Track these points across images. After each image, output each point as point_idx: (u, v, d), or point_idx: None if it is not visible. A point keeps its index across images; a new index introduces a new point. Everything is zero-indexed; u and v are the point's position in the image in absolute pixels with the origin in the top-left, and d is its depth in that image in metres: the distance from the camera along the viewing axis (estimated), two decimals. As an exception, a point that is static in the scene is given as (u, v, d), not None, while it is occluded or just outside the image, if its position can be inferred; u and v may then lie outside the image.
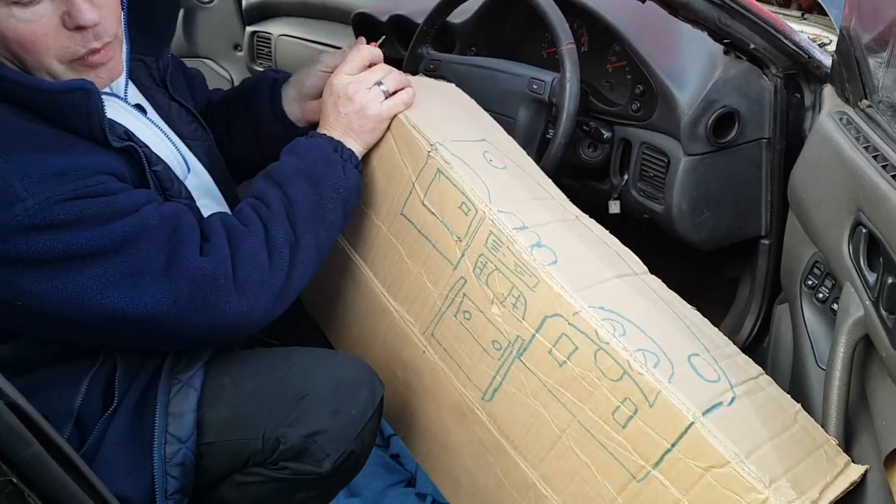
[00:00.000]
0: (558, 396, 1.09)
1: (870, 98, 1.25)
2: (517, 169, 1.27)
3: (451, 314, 1.20)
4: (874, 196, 1.05)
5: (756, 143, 1.57)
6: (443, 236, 1.21)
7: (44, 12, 0.99)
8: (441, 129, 1.25)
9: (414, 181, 1.24)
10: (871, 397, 1.10)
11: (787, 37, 1.44)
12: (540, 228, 1.15)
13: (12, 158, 0.97)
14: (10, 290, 1.00)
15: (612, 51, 1.75)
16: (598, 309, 1.06)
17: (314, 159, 1.20)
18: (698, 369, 1.03)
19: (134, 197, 1.05)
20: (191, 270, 1.05)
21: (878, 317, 1.02)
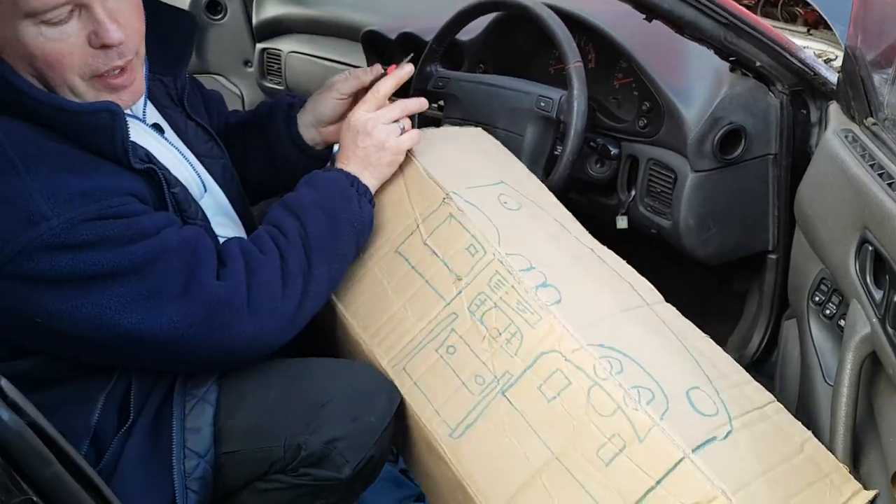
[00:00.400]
0: (539, 433, 1.07)
1: (875, 116, 1.26)
2: (533, 207, 1.29)
3: (433, 348, 1.19)
4: (879, 214, 1.06)
5: (763, 159, 1.58)
6: (440, 273, 1.22)
7: (71, 31, 1.02)
8: (457, 177, 1.28)
9: (419, 223, 1.26)
10: (879, 414, 1.11)
11: (792, 54, 1.46)
12: (548, 268, 1.17)
13: (39, 178, 0.99)
14: (30, 308, 1.02)
15: (618, 67, 1.76)
16: (597, 346, 1.07)
17: (331, 193, 1.23)
18: (696, 403, 1.03)
19: (155, 219, 1.07)
20: (207, 293, 1.07)
21: (884, 334, 1.03)
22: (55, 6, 0.99)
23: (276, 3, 2.74)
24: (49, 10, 0.99)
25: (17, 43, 1.01)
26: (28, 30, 1.00)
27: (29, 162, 1.00)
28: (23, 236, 0.97)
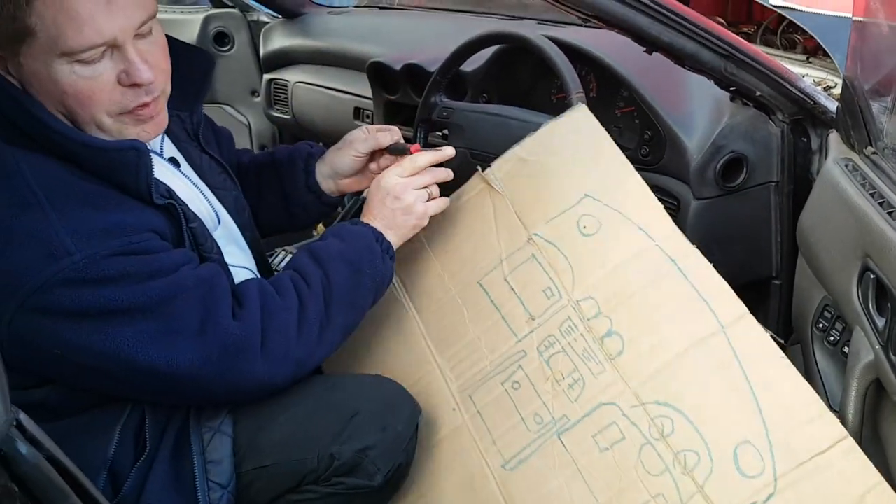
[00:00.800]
0: (588, 480, 1.12)
1: (874, 145, 1.28)
2: (615, 219, 1.26)
3: (499, 381, 1.26)
4: (880, 242, 1.07)
5: (764, 186, 1.60)
6: (515, 310, 1.29)
7: (103, 70, 1.05)
8: (539, 209, 1.32)
9: (503, 259, 1.33)
10: (885, 441, 1.12)
11: (792, 84, 1.48)
12: (614, 310, 1.20)
13: (63, 214, 1.01)
14: (50, 341, 1.03)
15: (620, 97, 1.79)
16: (653, 404, 1.11)
17: (358, 246, 1.26)
18: (741, 463, 1.03)
19: (173, 257, 1.10)
20: (223, 334, 1.09)
21: (888, 362, 1.04)
22: (91, 47, 1.02)
23: (282, 35, 2.78)
24: (85, 51, 1.02)
25: (49, 80, 1.03)
26: (62, 68, 1.02)
27: (53, 197, 1.02)
28: (46, 270, 0.99)
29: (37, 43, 1.00)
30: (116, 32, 1.03)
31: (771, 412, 1.05)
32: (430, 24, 2.59)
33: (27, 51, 1.01)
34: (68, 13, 0.99)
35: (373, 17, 2.82)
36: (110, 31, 1.02)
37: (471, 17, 2.61)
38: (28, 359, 1.06)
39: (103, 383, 1.11)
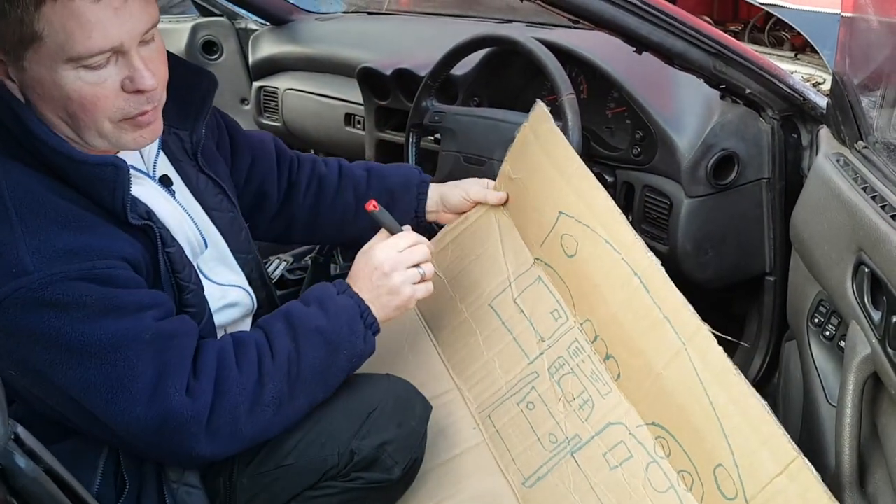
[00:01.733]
0: (600, 496, 1.17)
1: (865, 139, 1.28)
2: (588, 238, 1.27)
3: (515, 402, 1.30)
4: (874, 236, 1.07)
5: (756, 183, 1.61)
6: (526, 332, 1.32)
7: (108, 76, 1.04)
8: (534, 231, 1.36)
9: (512, 282, 1.37)
10: (883, 434, 1.12)
11: (781, 80, 1.48)
12: (609, 332, 1.23)
13: (31, 231, 1.00)
14: (5, 359, 1.02)
15: (611, 97, 1.79)
16: (652, 426, 1.16)
17: (340, 323, 1.19)
18: (721, 485, 1.07)
19: (137, 296, 1.06)
20: (167, 407, 1.05)
21: (885, 355, 1.04)
22: (99, 52, 1.01)
23: (271, 42, 2.78)
24: (93, 56, 1.01)
25: (54, 85, 1.02)
26: (68, 73, 1.01)
27: (24, 212, 1.01)
28: (3, 288, 0.98)
29: (43, 48, 1.00)
30: (124, 38, 1.02)
31: (733, 435, 1.06)
32: (420, 29, 2.60)
33: (32, 56, 1.01)
34: (77, 19, 0.99)
35: (361, 23, 2.83)
36: (117, 37, 1.02)
37: (460, 20, 2.62)
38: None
39: (57, 413, 1.08)
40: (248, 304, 1.35)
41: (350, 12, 3.01)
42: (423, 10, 2.85)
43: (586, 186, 1.30)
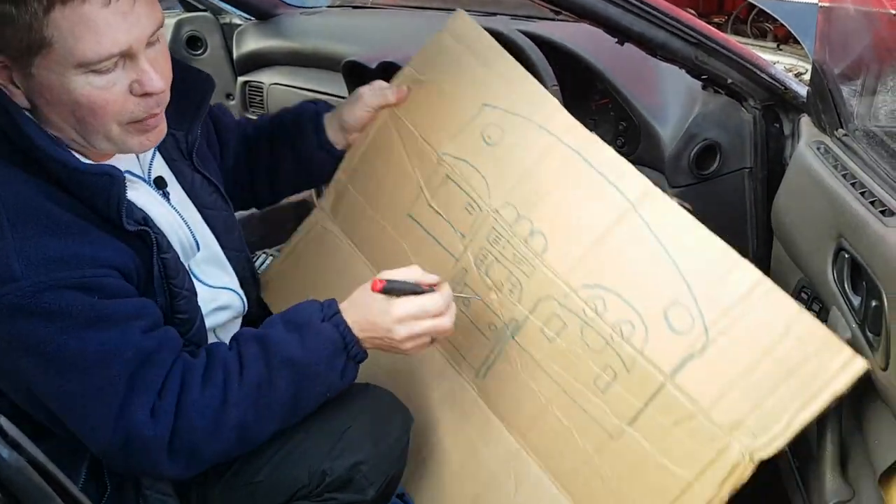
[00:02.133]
0: (546, 369, 1.22)
1: (845, 127, 1.30)
2: (516, 124, 1.29)
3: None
4: (854, 222, 1.09)
5: (738, 172, 1.62)
6: (447, 234, 1.35)
7: (116, 79, 1.03)
8: (443, 126, 1.36)
9: (423, 186, 1.37)
10: (864, 418, 1.13)
11: (762, 70, 1.49)
12: (534, 210, 1.25)
13: (22, 237, 0.99)
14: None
15: (594, 89, 1.80)
16: (583, 287, 1.19)
17: (320, 356, 1.13)
18: (672, 322, 1.11)
19: (125, 307, 1.05)
20: (131, 428, 1.05)
21: (864, 339, 1.05)
22: (108, 56, 1.00)
23: (255, 37, 2.77)
24: (102, 61, 1.00)
25: (63, 91, 1.02)
26: (77, 78, 1.01)
27: (16, 219, 1.00)
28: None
29: (52, 54, 0.98)
30: (132, 41, 1.01)
31: (691, 272, 1.11)
32: (404, 22, 2.59)
33: (40, 62, 0.99)
34: (87, 24, 0.98)
35: (346, 17, 2.82)
36: (126, 41, 1.01)
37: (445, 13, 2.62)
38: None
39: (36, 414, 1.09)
40: (239, 307, 1.35)
41: (335, 6, 3.00)
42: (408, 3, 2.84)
43: (519, 79, 1.33)
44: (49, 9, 0.96)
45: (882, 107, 1.26)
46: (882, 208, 1.05)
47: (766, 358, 1.04)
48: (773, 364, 1.04)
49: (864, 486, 1.10)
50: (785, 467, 1.42)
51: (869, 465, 1.09)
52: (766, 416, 1.03)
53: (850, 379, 1.00)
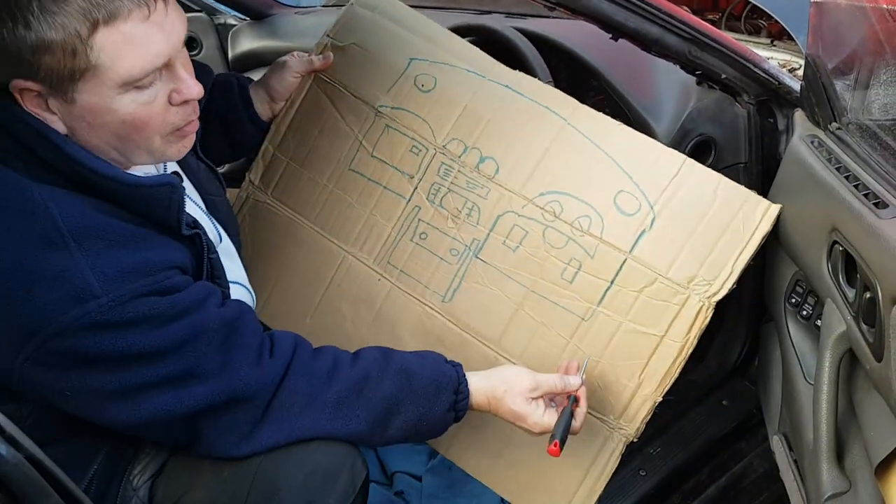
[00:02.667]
0: (513, 276, 1.33)
1: (839, 121, 1.30)
2: (446, 72, 1.40)
3: (408, 239, 1.40)
4: (848, 215, 1.09)
5: (733, 167, 1.62)
6: (394, 178, 1.41)
7: (156, 92, 1.01)
8: (376, 82, 1.43)
9: (361, 139, 1.43)
10: (859, 409, 1.14)
11: (756, 65, 1.50)
12: (480, 139, 1.37)
13: (92, 255, 0.97)
14: (61, 382, 0.99)
15: (589, 85, 1.81)
16: (539, 196, 1.32)
17: (430, 382, 1.15)
18: (622, 207, 1.28)
19: (196, 292, 1.05)
20: (236, 382, 1.04)
21: (859, 331, 1.06)
22: (152, 70, 0.99)
23: (250, 37, 2.77)
24: (146, 76, 0.99)
25: (108, 111, 0.99)
26: (122, 98, 0.99)
27: (80, 237, 0.97)
28: (70, 313, 0.95)
29: (95, 77, 0.96)
30: (170, 52, 1.00)
31: (627, 163, 1.29)
32: (399, 21, 2.59)
33: (82, 87, 0.96)
34: (130, 41, 0.95)
35: (341, 17, 2.82)
36: (167, 51, 0.99)
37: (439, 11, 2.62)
38: (29, 392, 1.01)
39: (103, 421, 1.05)
40: (250, 302, 1.33)
41: (330, 6, 3.00)
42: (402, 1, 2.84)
43: (440, 34, 1.45)
44: (92, 32, 0.93)
45: (875, 100, 1.27)
46: (875, 200, 1.06)
47: (703, 220, 1.24)
48: (710, 223, 1.24)
49: (861, 477, 1.11)
50: (782, 460, 1.42)
51: (865, 457, 1.09)
52: (713, 267, 1.23)
53: (772, 223, 1.24)
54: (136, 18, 0.95)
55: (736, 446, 1.82)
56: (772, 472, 1.57)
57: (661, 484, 1.71)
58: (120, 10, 0.93)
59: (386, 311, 1.41)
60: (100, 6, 0.92)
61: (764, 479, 1.74)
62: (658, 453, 1.74)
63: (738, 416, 1.84)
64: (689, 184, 1.26)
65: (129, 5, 0.94)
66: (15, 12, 0.90)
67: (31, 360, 0.97)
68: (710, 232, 1.23)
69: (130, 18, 0.94)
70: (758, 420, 1.76)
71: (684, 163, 1.27)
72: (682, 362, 1.24)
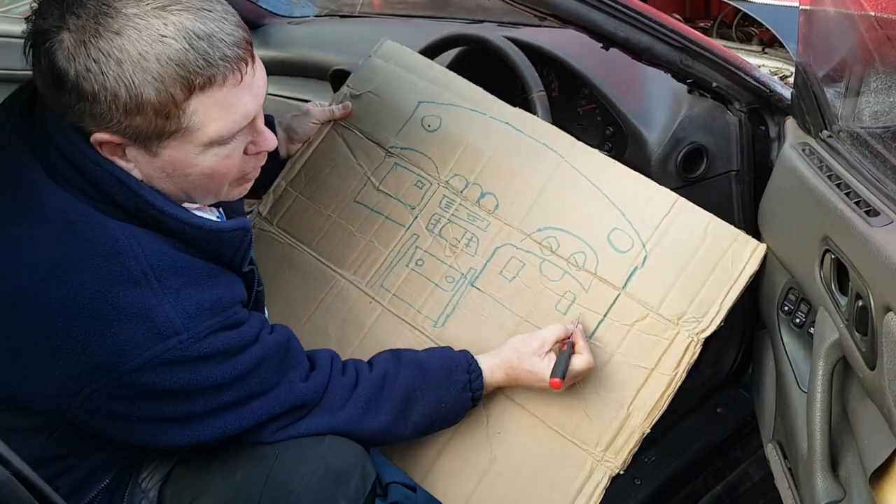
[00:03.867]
0: (507, 305, 1.35)
1: (829, 128, 1.30)
2: (450, 112, 1.47)
3: (403, 264, 1.41)
4: (839, 223, 1.09)
5: (725, 175, 1.62)
6: (396, 208, 1.45)
7: (237, 145, 1.03)
8: (387, 126, 1.49)
9: (370, 175, 1.48)
10: (853, 417, 1.13)
11: (747, 73, 1.50)
12: (481, 176, 1.42)
13: (172, 293, 0.99)
14: (129, 412, 1.01)
15: (581, 94, 1.81)
16: (537, 231, 1.36)
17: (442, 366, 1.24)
18: (616, 245, 1.32)
19: (254, 324, 1.09)
20: (293, 396, 1.11)
21: (852, 339, 1.06)
22: (239, 130, 1.01)
23: (243, 47, 2.77)
24: (234, 135, 1.01)
25: (187, 165, 1.01)
26: (205, 154, 1.00)
27: (161, 274, 1.00)
28: (151, 350, 0.97)
29: (183, 137, 0.98)
30: (256, 111, 1.02)
31: (621, 201, 1.33)
32: (392, 30, 2.59)
33: (168, 143, 0.98)
34: (223, 105, 0.97)
35: (334, 26, 2.82)
36: (253, 111, 1.01)
37: (431, 21, 2.63)
38: (82, 419, 1.02)
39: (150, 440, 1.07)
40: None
41: (322, 16, 3.01)
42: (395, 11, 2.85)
43: (444, 77, 1.52)
44: (188, 97, 0.94)
45: (865, 108, 1.27)
46: (867, 209, 1.06)
47: (694, 258, 1.28)
48: (700, 262, 1.28)
49: (856, 485, 1.10)
50: (777, 468, 1.42)
51: (860, 465, 1.09)
52: (702, 305, 1.27)
53: (759, 263, 1.28)
54: (229, 84, 0.96)
55: (731, 454, 1.82)
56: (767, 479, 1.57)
57: (657, 492, 1.71)
58: (216, 77, 0.95)
59: (375, 333, 1.40)
60: (198, 73, 0.93)
61: (759, 487, 1.74)
62: (653, 462, 1.74)
63: (732, 424, 1.84)
64: (679, 222, 1.30)
65: (224, 72, 0.95)
66: (109, 71, 0.91)
67: (99, 392, 0.98)
68: (699, 270, 1.27)
69: (225, 84, 0.96)
70: (753, 428, 1.77)
71: (676, 202, 1.31)
72: (670, 395, 1.27)
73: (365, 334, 1.40)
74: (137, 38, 0.91)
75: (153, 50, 0.91)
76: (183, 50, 0.92)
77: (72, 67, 0.91)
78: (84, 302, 0.96)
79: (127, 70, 0.91)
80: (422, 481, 1.35)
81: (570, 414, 1.28)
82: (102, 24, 0.91)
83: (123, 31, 0.91)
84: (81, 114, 0.95)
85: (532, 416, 1.30)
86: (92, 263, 0.97)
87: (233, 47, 0.96)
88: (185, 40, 0.92)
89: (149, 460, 1.17)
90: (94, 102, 0.93)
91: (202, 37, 0.93)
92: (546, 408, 1.30)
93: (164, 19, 0.92)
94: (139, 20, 0.91)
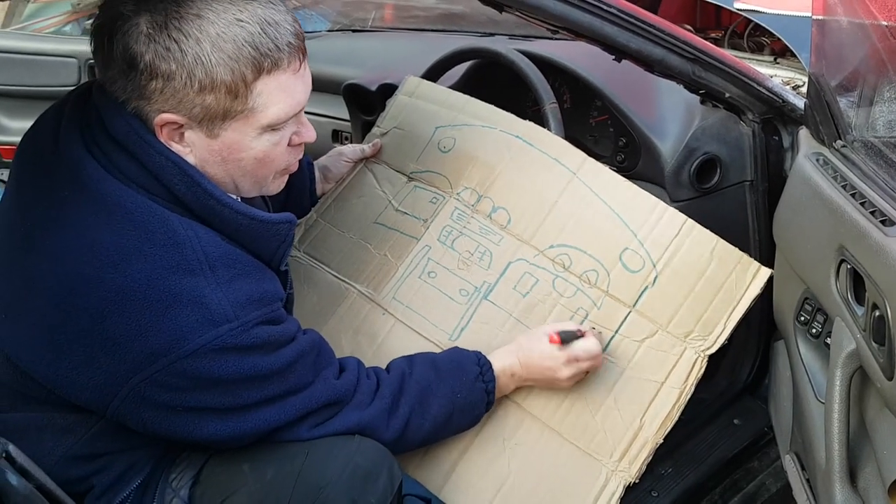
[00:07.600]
0: (522, 320, 1.36)
1: (843, 138, 1.30)
2: (463, 133, 1.49)
3: (416, 276, 1.42)
4: (855, 233, 1.09)
5: (739, 185, 1.62)
6: (410, 223, 1.47)
7: (285, 134, 1.09)
8: (408, 154, 1.52)
9: (391, 199, 1.51)
10: (871, 428, 1.13)
11: (759, 83, 1.50)
12: (493, 190, 1.43)
13: (225, 282, 1.04)
14: (174, 402, 1.03)
15: (593, 106, 1.81)
16: (549, 248, 1.37)
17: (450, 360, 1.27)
18: (628, 264, 1.33)
19: (292, 324, 1.14)
20: (329, 389, 1.14)
21: (869, 349, 1.05)
22: (292, 116, 1.07)
23: (256, 62, 2.79)
24: (288, 121, 1.07)
25: (245, 149, 1.06)
26: (261, 138, 1.06)
27: (215, 264, 1.04)
28: (205, 335, 1.00)
29: (246, 118, 1.04)
30: (305, 102, 1.09)
31: (632, 221, 1.34)
32: (404, 44, 2.62)
33: (231, 124, 1.04)
34: (283, 89, 1.04)
35: (346, 40, 2.85)
36: (304, 101, 1.08)
37: (443, 35, 2.64)
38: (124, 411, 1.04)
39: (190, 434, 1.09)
40: None
41: (335, 30, 3.03)
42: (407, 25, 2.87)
43: (459, 101, 1.54)
44: (256, 77, 1.01)
45: (879, 117, 1.27)
46: (882, 218, 1.06)
47: (701, 279, 1.31)
48: (706, 283, 1.31)
49: (874, 496, 1.10)
50: (795, 480, 1.41)
51: (878, 476, 1.09)
52: (707, 324, 1.29)
53: (761, 286, 1.30)
54: (291, 70, 1.04)
55: (748, 465, 1.81)
56: (785, 491, 1.56)
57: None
58: (282, 61, 1.02)
59: (388, 345, 1.40)
60: (268, 55, 1.01)
61: (777, 498, 1.73)
62: (669, 473, 1.73)
63: (749, 435, 1.82)
64: (688, 244, 1.33)
65: (288, 57, 1.03)
66: (188, 50, 0.97)
67: (148, 381, 1.01)
68: (706, 290, 1.31)
69: (288, 69, 1.03)
70: (770, 438, 1.75)
71: (685, 223, 1.33)
72: (681, 406, 1.29)
73: (378, 346, 1.41)
74: (216, 20, 0.98)
75: (230, 32, 0.98)
76: (257, 33, 0.99)
77: (150, 49, 0.97)
78: (141, 288, 0.99)
79: (205, 49, 0.97)
80: (438, 493, 1.35)
81: (585, 426, 1.29)
82: (183, 7, 0.98)
83: (203, 14, 0.98)
84: (151, 94, 0.99)
85: (548, 428, 1.30)
86: (150, 252, 1.01)
87: (294, 37, 1.04)
88: (258, 25, 1.00)
89: (178, 461, 1.19)
90: (168, 80, 0.98)
91: (272, 24, 1.01)
92: (562, 420, 1.30)
93: (239, 6, 1.00)
94: (217, 5, 0.98)
